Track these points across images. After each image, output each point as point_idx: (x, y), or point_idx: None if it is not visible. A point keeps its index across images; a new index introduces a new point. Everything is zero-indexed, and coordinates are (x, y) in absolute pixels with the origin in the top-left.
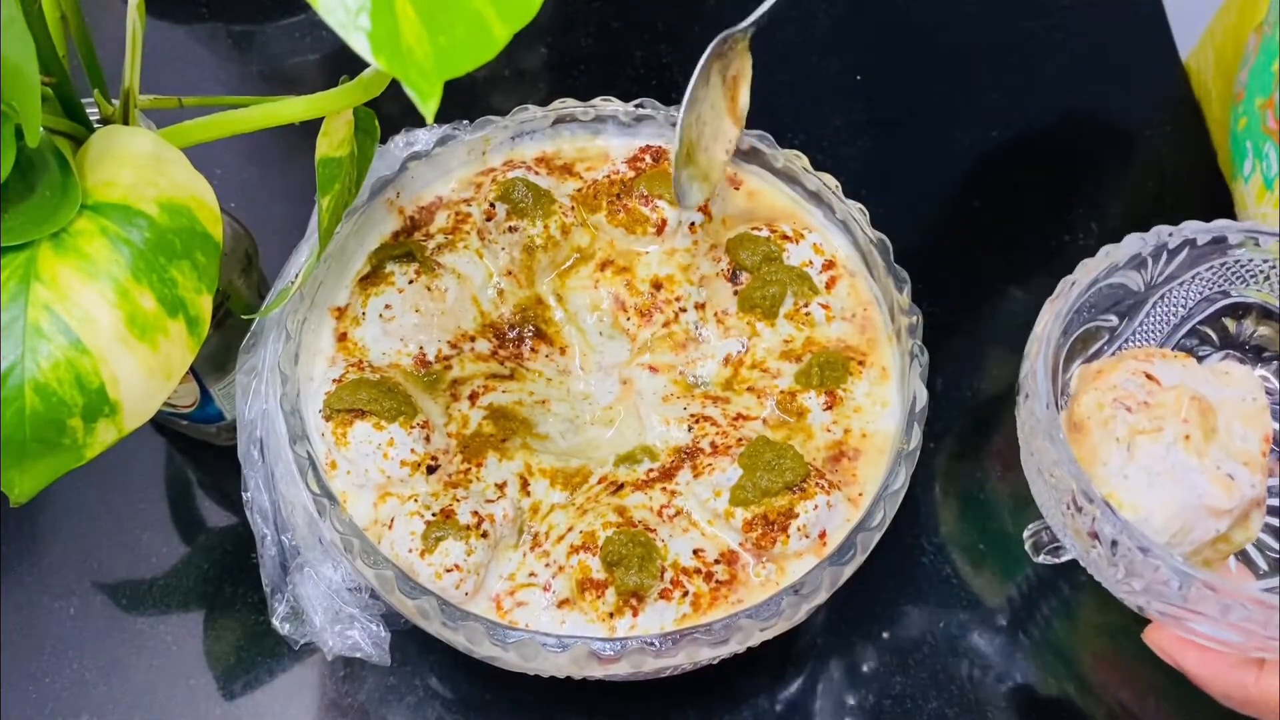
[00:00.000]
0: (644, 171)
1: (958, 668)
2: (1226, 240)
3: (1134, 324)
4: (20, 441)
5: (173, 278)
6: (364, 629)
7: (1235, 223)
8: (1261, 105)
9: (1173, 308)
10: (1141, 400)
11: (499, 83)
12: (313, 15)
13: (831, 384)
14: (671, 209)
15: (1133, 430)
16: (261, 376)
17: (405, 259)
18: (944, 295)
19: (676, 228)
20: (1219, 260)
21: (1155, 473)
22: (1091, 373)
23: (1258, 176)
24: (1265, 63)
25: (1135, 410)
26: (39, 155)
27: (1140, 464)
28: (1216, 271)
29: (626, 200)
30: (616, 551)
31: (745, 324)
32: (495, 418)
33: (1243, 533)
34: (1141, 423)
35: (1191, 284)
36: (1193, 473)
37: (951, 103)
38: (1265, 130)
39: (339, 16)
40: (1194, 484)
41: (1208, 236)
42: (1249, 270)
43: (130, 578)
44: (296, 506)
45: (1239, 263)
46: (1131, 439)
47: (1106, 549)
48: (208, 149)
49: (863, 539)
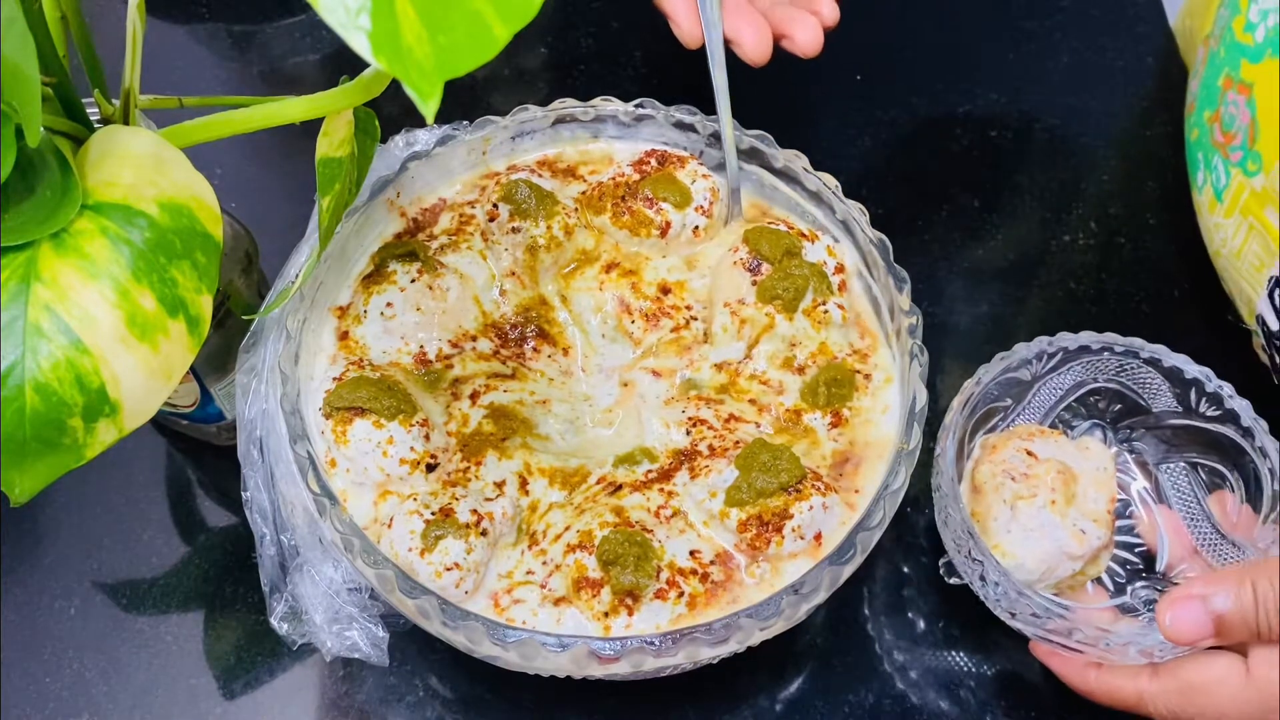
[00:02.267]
0: (649, 175)
1: (958, 667)
2: (1089, 347)
3: (1023, 404)
4: (20, 441)
5: (173, 278)
6: (362, 629)
7: (1096, 335)
8: (1209, 118)
9: (1052, 391)
10: (1023, 472)
11: (499, 83)
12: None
13: (838, 402)
14: (676, 212)
15: (1015, 496)
16: (261, 376)
17: (408, 258)
18: (944, 295)
19: (680, 230)
20: (1085, 359)
21: (1029, 529)
22: (989, 445)
23: (1209, 188)
24: (1211, 76)
25: (1018, 479)
26: (39, 155)
27: (1020, 522)
28: (1084, 366)
29: (631, 202)
30: (612, 551)
31: (764, 315)
32: (495, 417)
33: (1094, 568)
34: (1022, 490)
35: (1066, 374)
36: (1057, 529)
37: (951, 103)
38: (1214, 144)
39: (339, 16)
40: (1057, 537)
41: (1075, 344)
42: (1106, 365)
43: (130, 578)
44: (296, 506)
45: (1097, 361)
46: (1014, 502)
47: (992, 588)
48: (208, 149)
49: (862, 539)
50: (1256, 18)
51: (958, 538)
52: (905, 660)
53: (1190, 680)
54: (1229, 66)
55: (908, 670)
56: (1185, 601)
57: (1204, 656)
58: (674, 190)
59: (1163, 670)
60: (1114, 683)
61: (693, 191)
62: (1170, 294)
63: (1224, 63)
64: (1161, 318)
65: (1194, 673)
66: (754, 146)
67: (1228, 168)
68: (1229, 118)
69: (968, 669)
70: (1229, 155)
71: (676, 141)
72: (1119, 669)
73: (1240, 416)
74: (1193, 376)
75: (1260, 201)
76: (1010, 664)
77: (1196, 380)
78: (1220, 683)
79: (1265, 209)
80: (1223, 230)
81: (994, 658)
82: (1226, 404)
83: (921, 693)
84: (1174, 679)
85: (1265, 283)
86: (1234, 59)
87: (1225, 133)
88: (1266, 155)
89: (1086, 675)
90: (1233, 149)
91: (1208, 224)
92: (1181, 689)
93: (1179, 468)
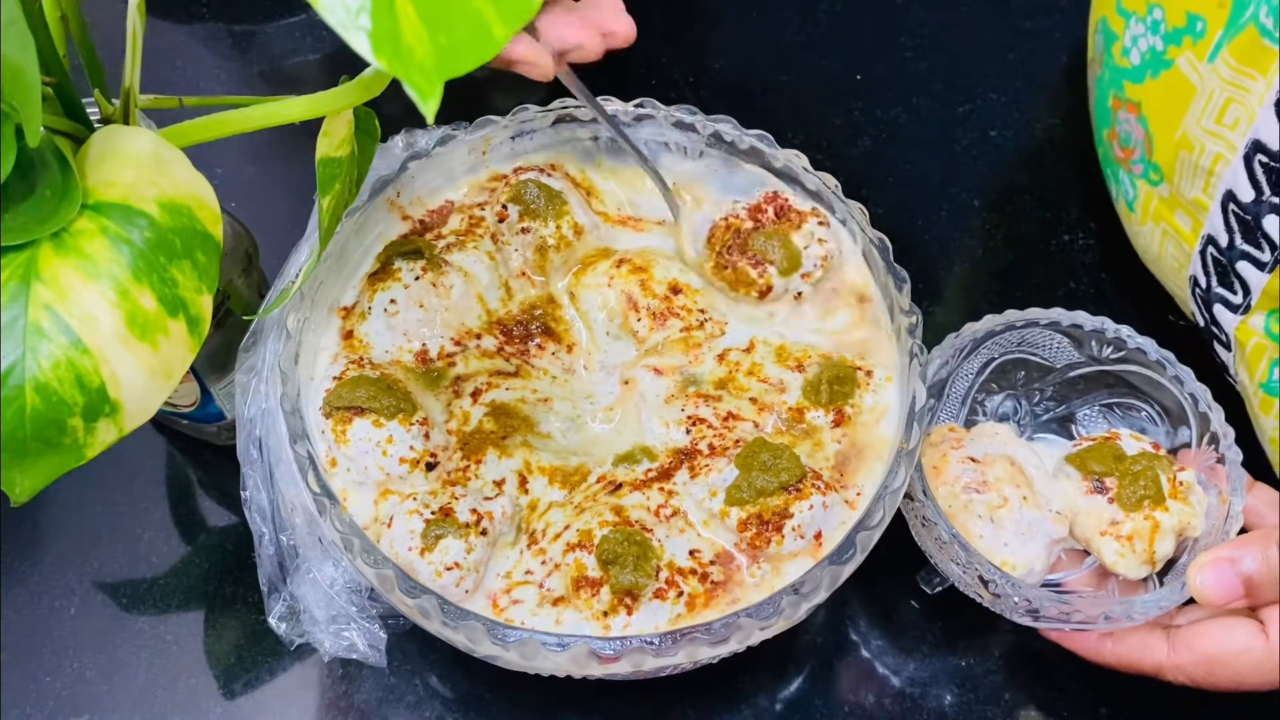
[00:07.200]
0: (762, 225)
1: (958, 666)
2: (994, 330)
3: (943, 399)
4: (21, 441)
5: (173, 277)
6: (361, 629)
7: (997, 316)
8: (1108, 136)
9: (964, 379)
10: (981, 480)
11: (499, 83)
12: (313, 15)
13: (840, 400)
14: (781, 277)
15: (990, 507)
16: (261, 376)
17: (413, 255)
18: (944, 295)
19: (781, 295)
20: (989, 341)
21: (1021, 534)
22: (929, 468)
23: (1122, 201)
24: (1102, 98)
25: (983, 491)
26: (39, 155)
27: (1008, 530)
28: (989, 348)
29: (736, 257)
30: (612, 550)
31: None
32: (496, 415)
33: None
34: (993, 499)
35: (974, 359)
36: (1042, 521)
37: (951, 103)
38: (1116, 159)
39: (339, 16)
40: (1045, 529)
41: (983, 330)
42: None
43: (130, 577)
44: (296, 506)
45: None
46: (992, 514)
47: (1009, 601)
48: (208, 149)
49: (862, 538)
50: (1130, 43)
51: (956, 558)
52: (905, 659)
53: (1209, 652)
54: (1114, 88)
55: (907, 669)
56: (1214, 564)
57: (1221, 628)
58: (785, 253)
59: (1180, 642)
60: (1130, 655)
61: (804, 257)
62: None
63: (1109, 85)
64: (1162, 316)
65: (1213, 644)
66: (754, 146)
67: (1133, 180)
68: (1125, 134)
69: (968, 669)
70: (1131, 169)
71: (677, 142)
72: (1133, 640)
73: (1147, 352)
74: (1092, 328)
75: (1170, 207)
76: (1010, 656)
77: (1096, 330)
78: (1241, 652)
79: (1175, 214)
80: (1142, 237)
81: (994, 652)
82: (1129, 344)
83: (922, 691)
84: (1192, 652)
85: (1187, 283)
86: (1117, 81)
87: (1124, 148)
88: (1165, 165)
89: (1102, 647)
90: (1134, 163)
91: (1131, 232)
92: (1200, 661)
93: (1093, 412)
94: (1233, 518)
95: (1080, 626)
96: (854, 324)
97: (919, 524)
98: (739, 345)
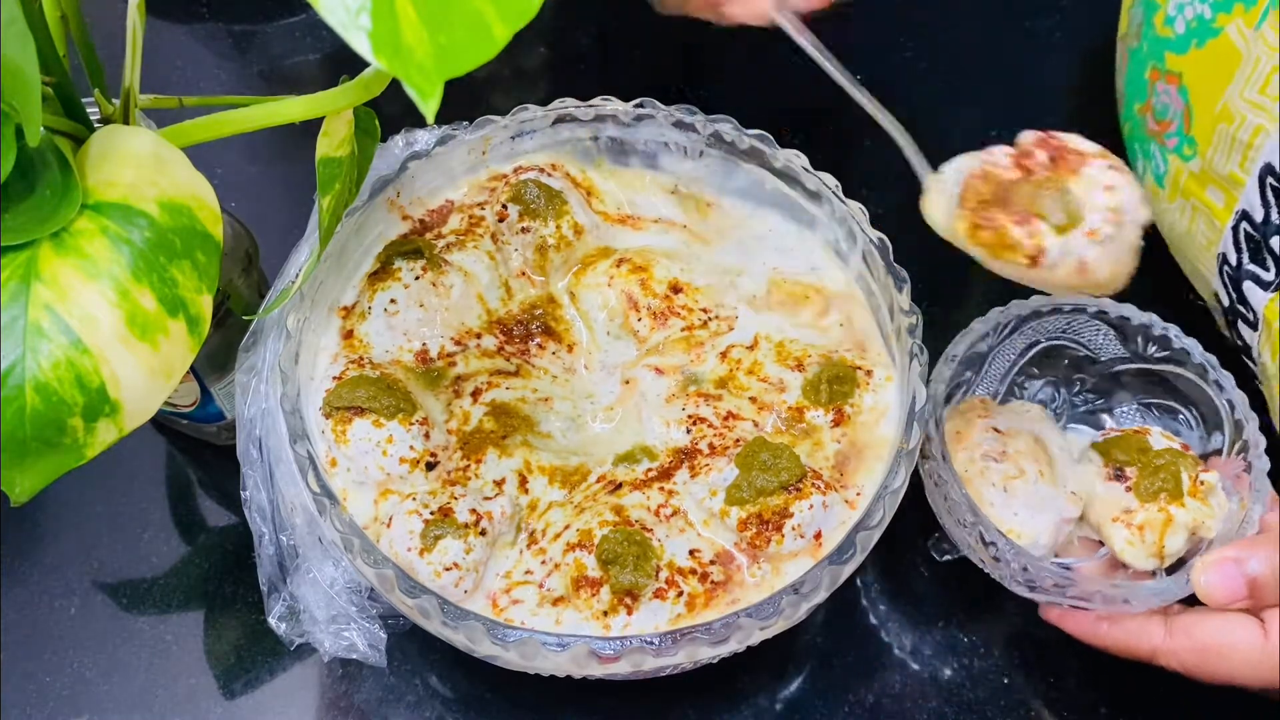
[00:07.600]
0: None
1: (957, 666)
2: (1040, 311)
3: (981, 374)
4: (21, 441)
5: (173, 277)
6: (361, 630)
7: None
8: (1140, 110)
9: (1006, 358)
10: (1000, 451)
11: (499, 83)
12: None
13: (840, 399)
14: (1055, 236)
15: (1005, 477)
16: (261, 376)
17: (413, 255)
18: (944, 295)
19: (1058, 261)
20: (1034, 322)
21: (1031, 506)
22: (952, 434)
23: (1149, 177)
24: (1136, 71)
25: (1000, 460)
26: (39, 155)
27: (1020, 500)
28: (1034, 329)
29: (994, 213)
30: (612, 550)
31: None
32: (496, 414)
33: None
34: (1009, 470)
35: (1018, 338)
36: (1055, 498)
37: (952, 102)
38: (1148, 133)
39: (339, 16)
40: (1057, 506)
41: (1028, 310)
42: (1054, 325)
43: (130, 577)
44: (296, 506)
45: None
46: (1006, 484)
47: (1008, 567)
48: (208, 149)
49: (862, 538)
50: (1174, 11)
51: (967, 525)
52: (905, 659)
53: (1206, 642)
54: (1153, 60)
55: (908, 670)
56: (1220, 564)
57: (1222, 620)
58: (1060, 203)
59: (1178, 629)
60: (1127, 639)
61: (1086, 208)
62: (1171, 292)
63: (1147, 56)
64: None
65: (1211, 635)
66: (754, 146)
67: (1165, 154)
68: (1161, 107)
69: (968, 668)
70: (1165, 142)
71: (677, 142)
72: (1131, 625)
73: (1191, 354)
74: (1140, 323)
75: (1200, 183)
76: (1009, 661)
77: (1144, 326)
78: (1238, 647)
79: (1206, 190)
80: (1169, 215)
81: (994, 652)
82: (1174, 344)
83: (921, 692)
84: (1189, 638)
85: (1215, 260)
86: (1157, 52)
87: (1159, 121)
88: (1201, 139)
89: (1099, 630)
90: (1168, 136)
91: (1156, 211)
92: (1196, 649)
93: (1130, 410)
94: (1249, 524)
95: (1076, 602)
96: None
97: (932, 484)
98: (744, 341)
